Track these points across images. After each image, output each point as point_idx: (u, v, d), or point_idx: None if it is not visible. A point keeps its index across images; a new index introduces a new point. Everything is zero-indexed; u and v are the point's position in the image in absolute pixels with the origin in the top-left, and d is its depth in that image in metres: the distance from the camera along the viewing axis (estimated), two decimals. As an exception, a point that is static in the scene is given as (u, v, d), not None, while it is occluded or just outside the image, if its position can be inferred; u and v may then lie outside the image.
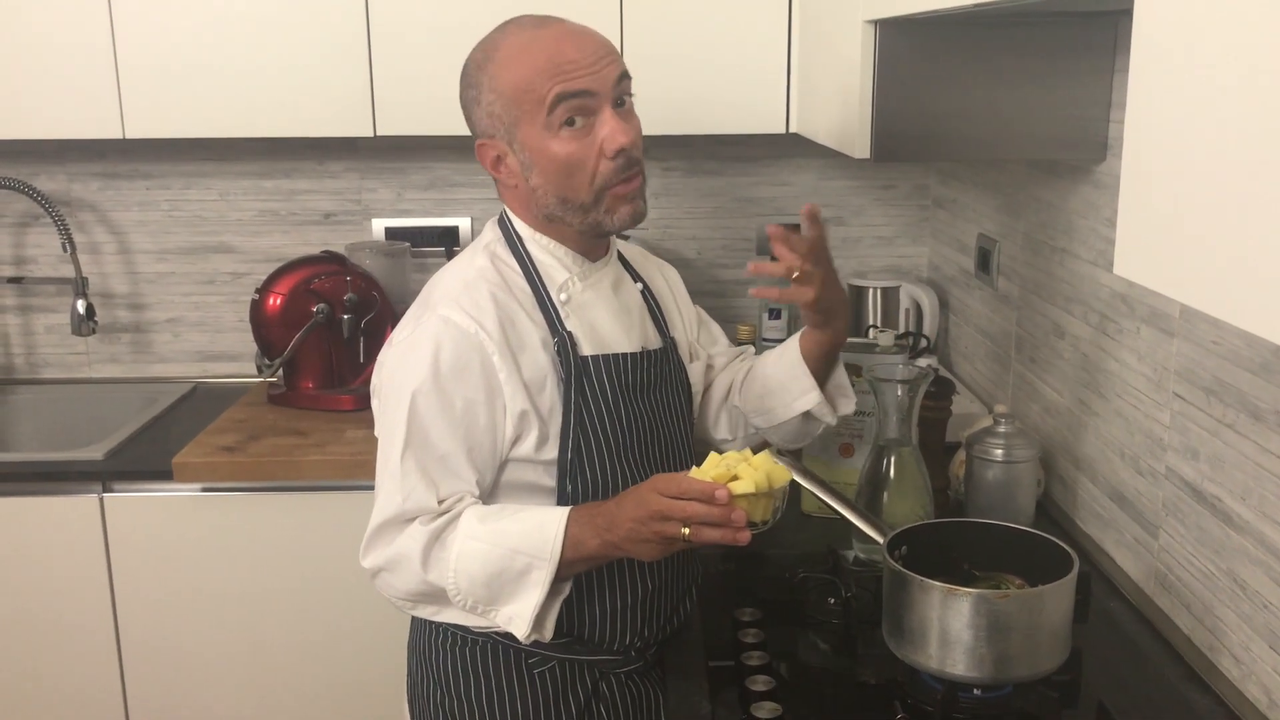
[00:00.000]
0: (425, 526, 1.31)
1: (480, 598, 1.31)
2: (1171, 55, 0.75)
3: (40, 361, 2.78)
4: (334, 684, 2.25)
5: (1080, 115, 1.68)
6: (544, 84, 1.31)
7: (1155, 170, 0.78)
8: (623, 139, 1.33)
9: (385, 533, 1.34)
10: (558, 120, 1.32)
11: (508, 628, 1.32)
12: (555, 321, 1.39)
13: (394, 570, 1.34)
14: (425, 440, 1.33)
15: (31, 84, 2.27)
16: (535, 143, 1.34)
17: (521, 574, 1.29)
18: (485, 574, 1.30)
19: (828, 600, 1.56)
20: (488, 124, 1.36)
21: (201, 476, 2.17)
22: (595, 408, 1.39)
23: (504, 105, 1.34)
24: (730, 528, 1.22)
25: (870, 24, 1.61)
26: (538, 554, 1.29)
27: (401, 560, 1.32)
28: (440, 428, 1.32)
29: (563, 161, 1.34)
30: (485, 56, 1.36)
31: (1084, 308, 1.79)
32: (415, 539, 1.31)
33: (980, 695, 1.31)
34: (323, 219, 2.72)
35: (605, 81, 1.33)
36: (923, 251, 2.76)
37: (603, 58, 1.33)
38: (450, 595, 1.32)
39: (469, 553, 1.30)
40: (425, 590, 1.33)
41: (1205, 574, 1.44)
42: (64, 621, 2.23)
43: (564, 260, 1.43)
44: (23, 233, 2.72)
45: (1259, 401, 1.31)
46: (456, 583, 1.31)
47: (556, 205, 1.37)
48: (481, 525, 1.31)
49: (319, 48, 2.26)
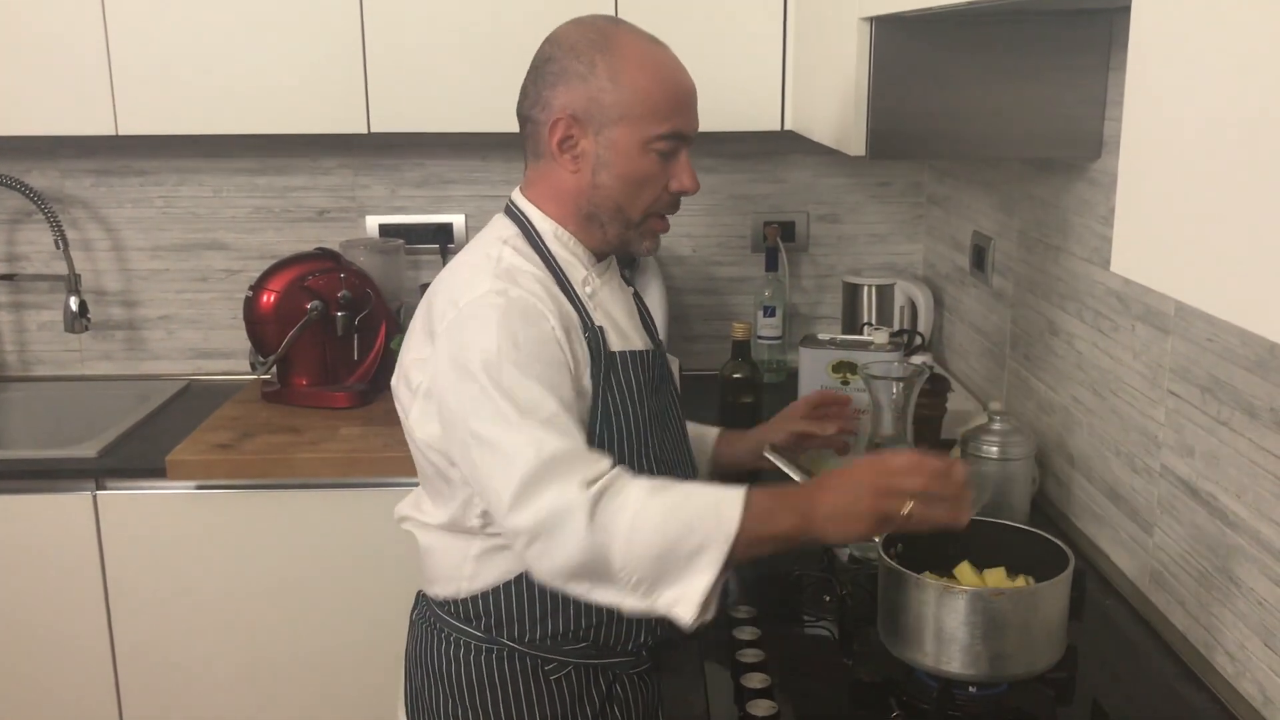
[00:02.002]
0: (585, 491, 1.22)
1: (646, 574, 1.22)
2: (1169, 52, 0.75)
3: (33, 359, 2.77)
4: (329, 681, 2.25)
5: (1075, 113, 1.68)
6: (668, 108, 1.37)
7: (1153, 168, 0.78)
8: (692, 187, 1.42)
9: (533, 488, 1.23)
10: (660, 145, 1.37)
11: (670, 611, 1.24)
12: (586, 316, 1.38)
13: (554, 533, 1.22)
14: (536, 397, 1.26)
15: (24, 80, 2.26)
16: (627, 148, 1.36)
17: (694, 553, 1.21)
18: (658, 548, 1.21)
19: (823, 598, 1.56)
20: (584, 105, 1.35)
21: (195, 474, 2.16)
22: (621, 403, 1.38)
23: (616, 97, 1.34)
24: (959, 504, 1.24)
25: (866, 21, 1.61)
26: (713, 533, 1.22)
27: (563, 520, 1.22)
28: (538, 391, 1.27)
29: (641, 177, 1.38)
30: (604, 42, 1.36)
31: (1079, 305, 1.79)
32: (578, 501, 1.21)
33: (976, 693, 1.31)
34: (317, 216, 2.72)
35: (695, 130, 1.43)
36: (918, 249, 2.76)
37: (696, 104, 1.43)
38: (616, 566, 1.22)
39: (641, 525, 1.21)
40: (587, 560, 1.22)
41: (1200, 571, 1.44)
42: (57, 619, 2.23)
43: (581, 258, 1.42)
44: (15, 229, 2.71)
45: (1254, 399, 1.31)
46: (627, 555, 1.21)
47: (609, 209, 1.39)
48: (655, 498, 1.24)
49: (313, 44, 2.25)
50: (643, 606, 1.25)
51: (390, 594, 1.29)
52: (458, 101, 2.28)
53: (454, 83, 2.27)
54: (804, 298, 2.79)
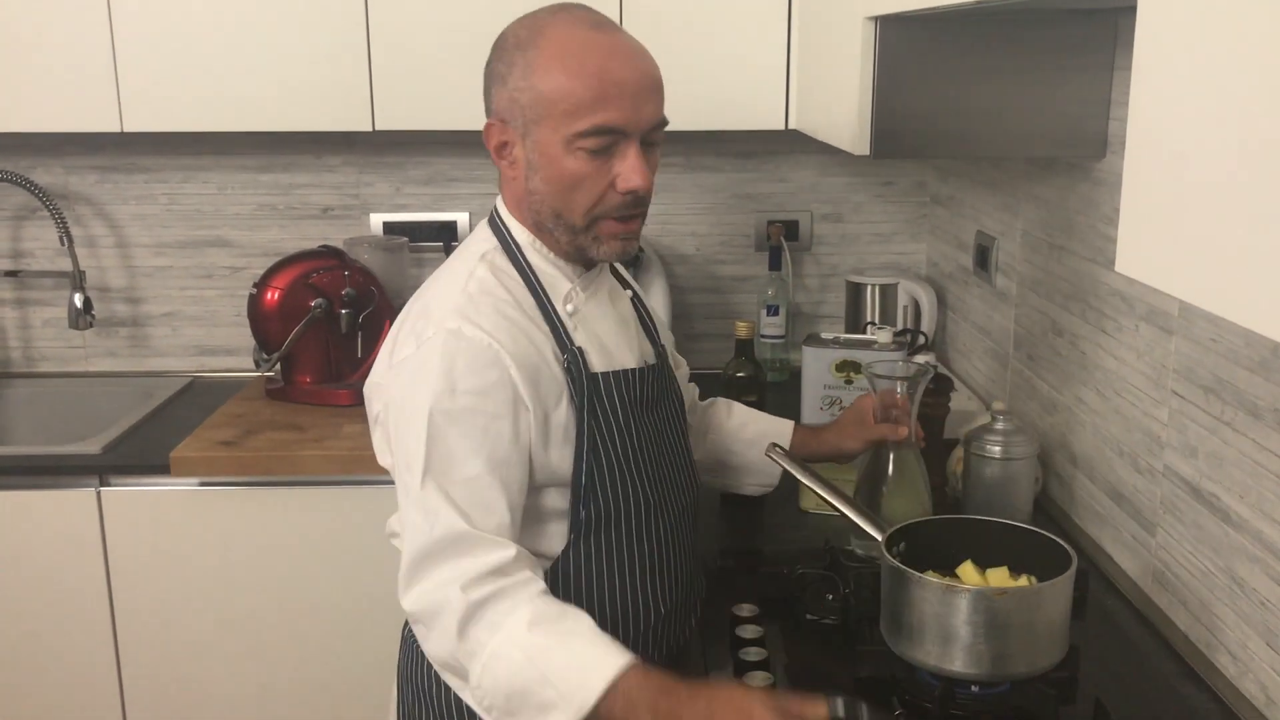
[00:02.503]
0: (466, 595, 1.18)
1: (496, 703, 1.20)
2: (1175, 52, 0.75)
3: (37, 355, 2.78)
4: (331, 678, 2.25)
5: (1079, 112, 1.68)
6: (590, 102, 1.23)
7: (1158, 168, 0.78)
8: (638, 181, 1.27)
9: (421, 569, 1.23)
10: (586, 143, 1.25)
11: None
12: (564, 336, 1.31)
13: (430, 626, 1.23)
14: (449, 463, 1.23)
15: (29, 77, 2.27)
16: (549, 149, 1.27)
17: (545, 707, 1.16)
18: (509, 686, 1.17)
19: (826, 596, 1.56)
20: (506, 108, 1.28)
21: (199, 471, 2.16)
22: (608, 428, 1.32)
23: (532, 98, 1.25)
24: None
25: (871, 20, 1.61)
26: (567, 696, 1.15)
27: (436, 618, 1.21)
28: (464, 448, 1.23)
29: (569, 178, 1.27)
30: (529, 37, 1.27)
31: (1083, 305, 1.79)
32: (455, 604, 1.19)
33: (978, 692, 1.31)
34: (321, 213, 2.72)
35: (641, 122, 1.27)
36: (921, 248, 2.76)
37: (646, 92, 1.27)
38: (472, 683, 1.21)
39: (502, 655, 1.18)
40: (451, 663, 1.23)
41: (1203, 571, 1.44)
42: (61, 616, 2.23)
43: (564, 270, 1.36)
44: (20, 226, 2.71)
45: (1257, 399, 1.31)
46: (481, 679, 1.19)
47: (549, 216, 1.31)
48: (528, 633, 1.18)
49: (317, 42, 2.25)
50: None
51: (393, 591, 1.28)
52: (462, 99, 2.24)
53: (459, 81, 2.25)
54: (807, 297, 2.79)
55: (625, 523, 1.35)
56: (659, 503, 1.39)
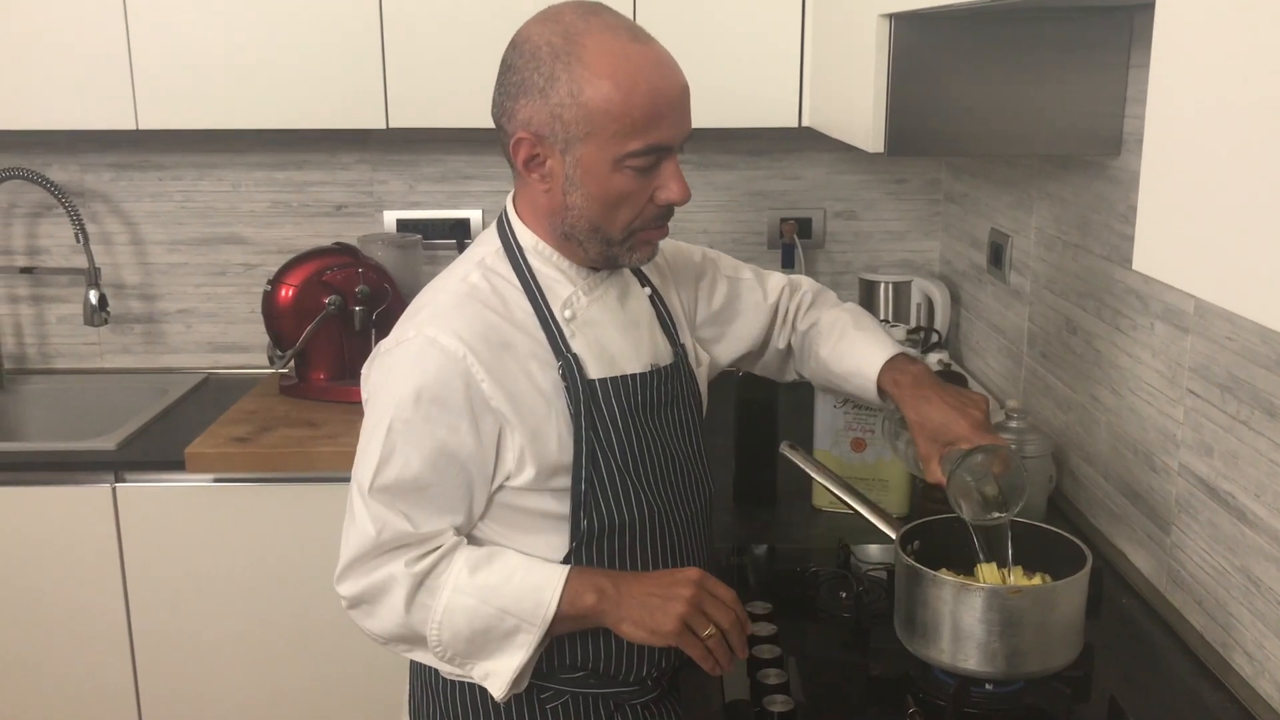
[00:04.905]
0: (410, 569, 1.25)
1: (460, 651, 1.28)
2: (1193, 49, 0.75)
3: (53, 352, 2.79)
4: (344, 672, 2.26)
5: (1095, 110, 1.67)
6: (643, 122, 1.21)
7: (1175, 165, 0.78)
8: (681, 198, 1.26)
9: (361, 565, 1.28)
10: (635, 162, 1.23)
11: (483, 683, 1.29)
12: (560, 343, 1.29)
13: (373, 605, 1.29)
14: (401, 470, 1.25)
15: (45, 75, 2.28)
16: (595, 167, 1.23)
17: (508, 635, 1.26)
18: (470, 630, 1.26)
19: (840, 594, 1.56)
20: (545, 123, 1.22)
21: (214, 467, 2.17)
22: (607, 436, 1.31)
23: (579, 115, 1.20)
24: (724, 656, 1.25)
25: (885, 18, 1.61)
26: (528, 617, 1.25)
27: (382, 598, 1.27)
28: (417, 459, 1.25)
29: (615, 196, 1.24)
30: (567, 48, 1.20)
31: (1097, 303, 1.79)
32: (400, 582, 1.25)
33: (992, 690, 1.31)
34: (334, 211, 2.73)
35: (683, 135, 1.26)
36: (935, 246, 2.76)
37: (686, 106, 1.26)
38: (430, 644, 1.28)
39: (456, 607, 1.25)
40: (403, 634, 1.29)
41: (1218, 570, 1.44)
42: (76, 611, 2.25)
43: (568, 273, 1.33)
44: (35, 223, 2.72)
45: (1274, 398, 1.30)
46: (439, 635, 1.27)
47: (585, 230, 1.28)
48: (472, 578, 1.26)
49: (332, 40, 2.26)
50: (458, 674, 1.32)
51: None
52: (476, 97, 2.24)
53: (472, 78, 2.27)
54: (820, 294, 2.78)
55: (629, 531, 1.34)
56: (666, 510, 1.37)
